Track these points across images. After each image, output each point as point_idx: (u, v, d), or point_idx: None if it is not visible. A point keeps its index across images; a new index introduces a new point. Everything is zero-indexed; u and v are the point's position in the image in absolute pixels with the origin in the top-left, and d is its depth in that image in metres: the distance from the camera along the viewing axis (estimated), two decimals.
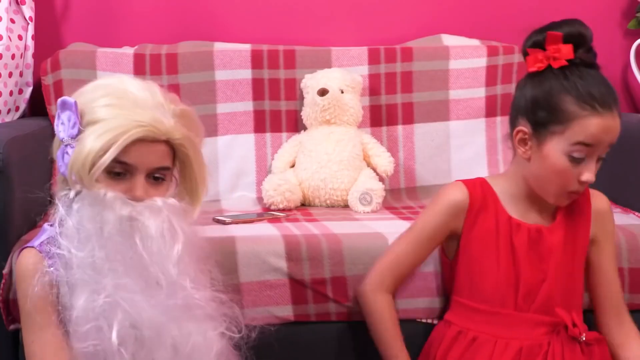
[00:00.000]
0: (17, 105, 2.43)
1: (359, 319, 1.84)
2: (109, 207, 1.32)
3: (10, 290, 1.76)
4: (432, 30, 2.63)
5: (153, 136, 1.36)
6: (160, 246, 1.34)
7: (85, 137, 1.33)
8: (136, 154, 1.35)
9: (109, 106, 1.35)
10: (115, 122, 1.33)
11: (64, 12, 2.60)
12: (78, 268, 1.31)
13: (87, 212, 1.32)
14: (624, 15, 2.73)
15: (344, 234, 1.88)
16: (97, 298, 1.30)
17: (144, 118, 1.35)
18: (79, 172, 1.33)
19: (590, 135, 1.54)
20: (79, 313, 1.31)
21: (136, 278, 1.33)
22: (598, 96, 1.54)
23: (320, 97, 2.34)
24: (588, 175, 1.55)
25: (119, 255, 1.32)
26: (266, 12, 2.64)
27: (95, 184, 1.33)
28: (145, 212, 1.35)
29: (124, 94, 1.38)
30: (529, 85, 1.59)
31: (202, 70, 2.43)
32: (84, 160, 1.32)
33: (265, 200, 2.25)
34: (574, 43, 1.60)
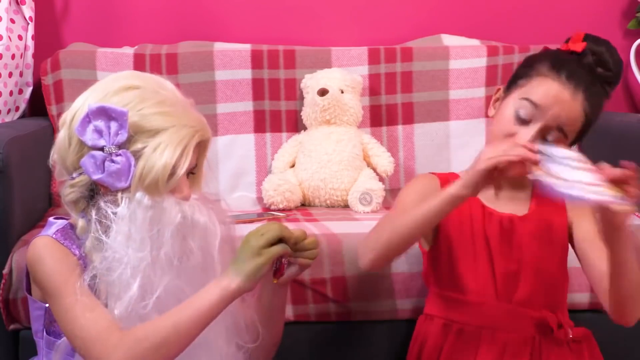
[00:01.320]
0: (17, 105, 2.43)
1: (359, 318, 1.84)
2: (167, 211, 1.34)
3: (10, 290, 1.77)
4: (432, 30, 2.63)
5: (205, 139, 1.40)
6: (206, 241, 1.38)
7: (152, 149, 1.33)
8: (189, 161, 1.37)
9: (164, 114, 1.35)
10: (180, 132, 1.34)
11: (64, 12, 2.61)
12: (131, 268, 1.31)
13: (142, 216, 1.33)
14: (624, 15, 2.73)
15: (344, 234, 1.88)
16: (149, 297, 1.32)
17: (195, 122, 1.37)
18: (156, 183, 1.33)
19: (541, 95, 1.50)
20: (122, 310, 1.31)
21: (189, 277, 1.35)
22: (570, 70, 1.52)
23: (320, 97, 2.34)
24: (520, 137, 1.48)
25: (175, 255, 1.34)
26: (266, 12, 2.64)
27: (167, 192, 1.35)
28: (195, 211, 1.37)
29: (166, 97, 1.38)
30: None
31: (202, 70, 2.43)
32: (162, 174, 1.32)
33: (265, 200, 2.26)
34: (592, 52, 1.58)
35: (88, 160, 1.34)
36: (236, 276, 1.31)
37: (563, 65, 1.53)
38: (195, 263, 1.36)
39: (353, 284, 1.81)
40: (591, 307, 1.85)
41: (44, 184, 2.19)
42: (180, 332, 1.30)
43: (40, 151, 1.44)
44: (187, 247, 1.36)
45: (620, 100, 2.77)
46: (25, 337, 1.80)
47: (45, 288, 1.35)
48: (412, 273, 1.82)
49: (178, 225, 1.34)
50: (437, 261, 1.64)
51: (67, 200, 1.39)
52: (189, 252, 1.36)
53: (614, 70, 1.57)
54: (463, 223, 1.61)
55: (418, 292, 1.81)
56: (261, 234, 1.34)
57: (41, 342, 1.44)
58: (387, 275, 1.82)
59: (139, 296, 1.32)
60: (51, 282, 1.34)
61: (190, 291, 1.34)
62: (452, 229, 1.62)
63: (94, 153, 1.34)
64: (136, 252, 1.32)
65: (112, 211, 1.33)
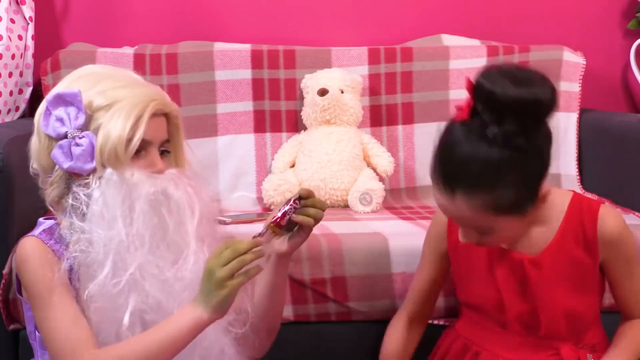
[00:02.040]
0: (17, 105, 2.43)
1: (359, 318, 1.84)
2: (138, 186, 1.35)
3: (10, 290, 1.77)
4: (432, 30, 2.63)
5: (162, 109, 1.40)
6: (181, 215, 1.38)
7: (107, 121, 1.34)
8: (150, 129, 1.37)
9: (117, 88, 1.37)
10: (133, 100, 1.36)
11: (64, 12, 2.60)
12: (103, 247, 1.32)
13: (112, 194, 1.33)
14: (624, 15, 2.73)
15: (344, 234, 1.88)
16: (122, 274, 1.32)
17: (152, 93, 1.39)
18: (113, 156, 1.34)
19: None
20: (95, 289, 1.32)
21: (163, 253, 1.36)
22: (441, 173, 1.39)
23: (320, 97, 2.34)
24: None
25: (148, 231, 1.34)
26: (266, 12, 2.64)
27: (128, 164, 1.35)
28: (170, 184, 1.38)
29: (123, 76, 1.42)
30: None
31: (202, 70, 2.43)
32: (118, 142, 1.34)
33: (265, 200, 2.26)
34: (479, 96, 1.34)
35: (57, 152, 1.36)
36: (205, 309, 1.31)
37: (435, 171, 1.40)
38: (171, 238, 1.36)
39: (353, 284, 1.81)
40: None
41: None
42: (150, 357, 1.30)
43: None
44: (163, 222, 1.36)
45: (620, 100, 2.77)
46: (25, 337, 1.79)
47: (29, 292, 1.37)
48: (412, 273, 1.81)
49: (150, 199, 1.35)
50: (456, 287, 1.66)
51: (50, 199, 1.40)
52: (165, 227, 1.36)
53: (525, 100, 1.30)
54: (471, 259, 1.58)
55: None
56: (222, 266, 1.30)
57: (35, 344, 1.44)
58: (387, 275, 1.82)
59: (112, 274, 1.32)
60: (34, 287, 1.35)
61: (165, 267, 1.35)
62: (460, 262, 1.61)
63: (60, 143, 1.36)
64: (107, 230, 1.32)
65: (84, 193, 1.34)
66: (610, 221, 1.51)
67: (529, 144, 1.32)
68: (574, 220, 1.52)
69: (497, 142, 1.32)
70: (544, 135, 1.36)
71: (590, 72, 2.59)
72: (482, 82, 1.32)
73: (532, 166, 1.36)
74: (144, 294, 1.33)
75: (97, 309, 1.32)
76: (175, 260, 1.36)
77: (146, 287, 1.33)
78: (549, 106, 1.33)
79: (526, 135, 1.32)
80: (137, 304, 1.33)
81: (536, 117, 1.33)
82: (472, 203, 1.36)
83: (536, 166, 1.37)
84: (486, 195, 1.35)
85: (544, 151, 1.37)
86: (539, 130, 1.35)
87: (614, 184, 2.33)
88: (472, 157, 1.34)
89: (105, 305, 1.32)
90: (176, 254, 1.36)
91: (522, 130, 1.31)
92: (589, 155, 2.49)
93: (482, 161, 1.33)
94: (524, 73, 1.33)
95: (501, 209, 1.37)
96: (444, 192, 1.39)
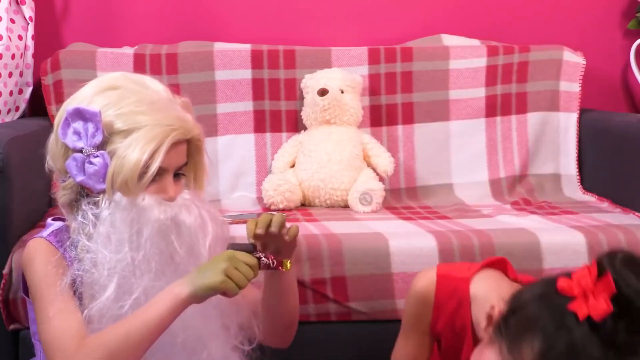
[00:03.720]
0: (17, 105, 2.43)
1: (359, 318, 1.84)
2: (147, 211, 1.33)
3: (10, 290, 1.77)
4: (432, 30, 2.63)
5: (183, 138, 1.38)
6: (193, 241, 1.36)
7: (124, 149, 1.32)
8: (168, 156, 1.35)
9: (138, 113, 1.34)
10: (152, 130, 1.33)
11: (64, 12, 2.60)
12: (108, 269, 1.31)
13: (121, 217, 1.32)
14: (624, 15, 2.73)
15: (344, 234, 1.88)
16: (126, 298, 1.31)
17: (173, 121, 1.35)
18: (126, 182, 1.32)
19: None
20: (95, 310, 1.31)
21: (169, 279, 1.34)
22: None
23: (320, 97, 2.33)
24: None
25: (155, 256, 1.33)
26: (266, 12, 2.64)
27: (141, 192, 1.34)
28: (182, 210, 1.36)
29: (147, 94, 1.38)
30: None
31: (202, 70, 2.43)
32: (132, 171, 1.32)
33: (265, 200, 2.26)
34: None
35: (71, 163, 1.35)
36: (188, 285, 1.29)
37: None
38: (180, 264, 1.35)
39: (353, 284, 1.81)
40: None
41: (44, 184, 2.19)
42: (131, 340, 1.28)
43: (40, 151, 1.44)
44: (171, 248, 1.34)
45: (620, 100, 2.77)
46: (25, 337, 1.80)
47: (31, 290, 1.37)
48: (412, 273, 1.81)
49: (158, 225, 1.33)
50: None
51: (61, 202, 1.40)
52: (173, 252, 1.35)
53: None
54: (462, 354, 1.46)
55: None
56: (237, 267, 1.29)
57: (38, 345, 1.44)
58: (387, 275, 1.82)
59: (115, 297, 1.31)
60: (36, 284, 1.35)
61: None
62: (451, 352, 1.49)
63: (75, 155, 1.35)
64: (114, 253, 1.31)
65: (92, 213, 1.34)
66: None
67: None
68: None
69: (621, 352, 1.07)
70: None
71: (590, 72, 2.59)
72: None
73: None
74: None
75: (94, 330, 1.31)
76: None
77: None
78: None
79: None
80: None
81: None
82: None
83: None
84: None
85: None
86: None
87: (614, 184, 2.33)
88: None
89: (104, 328, 1.31)
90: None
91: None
92: (589, 155, 2.49)
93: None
94: None
95: None
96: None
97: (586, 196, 2.42)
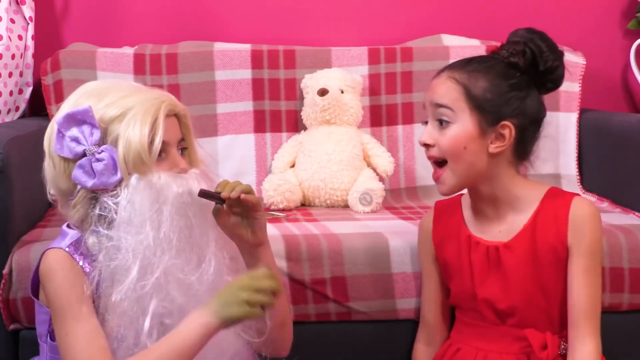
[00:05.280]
0: (17, 105, 2.43)
1: (359, 319, 1.84)
2: (165, 189, 1.35)
3: (10, 290, 1.76)
4: (432, 30, 2.63)
5: (173, 109, 1.41)
6: (206, 214, 1.40)
7: (125, 130, 1.35)
8: (166, 130, 1.38)
9: (124, 97, 1.37)
10: (144, 105, 1.36)
11: (64, 12, 2.60)
12: (132, 252, 1.33)
13: (140, 200, 1.34)
14: (624, 15, 2.73)
15: (344, 234, 1.88)
16: (148, 278, 1.33)
17: (159, 95, 1.40)
18: (139, 161, 1.34)
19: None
20: (121, 294, 1.32)
21: (188, 255, 1.37)
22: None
23: (320, 97, 2.33)
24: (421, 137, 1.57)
25: (175, 234, 1.35)
26: (266, 12, 2.64)
27: (153, 167, 1.36)
28: (194, 184, 1.39)
29: (124, 85, 1.42)
30: None
31: (202, 70, 2.43)
32: (142, 143, 1.34)
33: (265, 200, 2.25)
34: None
35: (77, 172, 1.35)
36: (217, 318, 1.31)
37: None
38: (194, 240, 1.38)
39: (353, 284, 1.81)
40: None
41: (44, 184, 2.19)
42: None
43: (40, 151, 1.44)
44: (189, 224, 1.37)
45: (620, 100, 2.77)
46: (25, 337, 1.80)
47: (51, 305, 1.37)
48: (412, 273, 1.81)
49: (178, 199, 1.36)
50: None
51: (75, 220, 1.40)
52: (191, 228, 1.37)
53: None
54: (452, 257, 1.65)
55: (418, 292, 1.81)
56: (256, 290, 1.32)
57: (45, 346, 1.44)
58: (387, 275, 1.82)
59: (137, 278, 1.33)
60: (57, 300, 1.35)
61: (189, 270, 1.36)
62: (446, 262, 1.67)
63: (79, 162, 1.36)
64: (136, 235, 1.33)
65: (113, 202, 1.35)
66: (584, 206, 1.56)
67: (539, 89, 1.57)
68: (548, 208, 1.57)
69: (518, 68, 1.56)
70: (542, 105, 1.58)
71: (590, 72, 2.59)
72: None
73: (526, 106, 1.54)
74: (168, 298, 1.34)
75: (120, 313, 1.33)
76: (199, 262, 1.37)
77: (170, 291, 1.34)
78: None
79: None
80: (157, 308, 1.34)
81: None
82: (454, 75, 1.55)
83: (530, 111, 1.54)
84: (467, 75, 1.54)
85: (540, 115, 1.57)
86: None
87: (614, 184, 2.33)
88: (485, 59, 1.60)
89: (128, 311, 1.32)
90: (199, 256, 1.38)
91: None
92: (589, 155, 2.49)
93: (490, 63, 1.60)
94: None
95: (472, 98, 1.52)
96: (437, 73, 1.59)
97: (586, 196, 2.42)
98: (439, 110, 1.53)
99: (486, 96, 1.52)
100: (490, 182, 1.57)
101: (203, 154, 1.50)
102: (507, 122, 1.53)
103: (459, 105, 1.52)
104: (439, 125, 1.54)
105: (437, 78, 1.58)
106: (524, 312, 1.57)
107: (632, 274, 1.84)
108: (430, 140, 1.54)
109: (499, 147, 1.54)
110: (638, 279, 1.84)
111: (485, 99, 1.52)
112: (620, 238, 1.85)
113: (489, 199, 1.60)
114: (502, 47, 1.58)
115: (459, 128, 1.52)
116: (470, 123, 1.52)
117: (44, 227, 1.99)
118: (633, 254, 1.84)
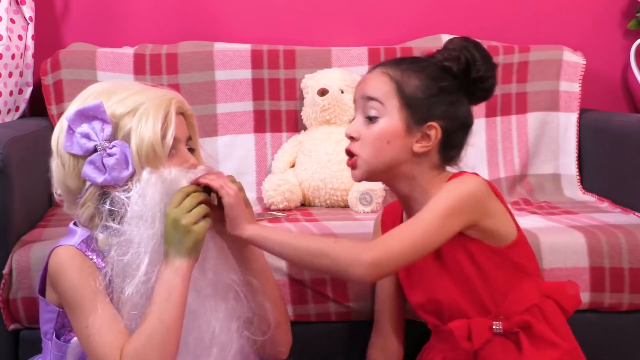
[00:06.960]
0: (17, 105, 2.43)
1: (359, 318, 1.84)
2: (175, 183, 1.37)
3: (10, 290, 1.77)
4: (432, 30, 2.63)
5: (181, 107, 1.43)
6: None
7: (137, 124, 1.36)
8: (176, 126, 1.40)
9: (134, 94, 1.39)
10: (154, 102, 1.38)
11: (64, 12, 2.61)
12: (144, 246, 1.34)
13: (152, 193, 1.35)
14: (624, 15, 2.73)
15: (344, 234, 1.88)
16: (154, 270, 1.34)
17: (168, 93, 1.42)
18: (152, 155, 1.36)
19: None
20: (133, 287, 1.33)
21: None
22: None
23: (320, 97, 2.34)
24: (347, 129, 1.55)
25: None
26: (266, 12, 2.64)
27: (165, 161, 1.37)
28: (207, 177, 1.40)
29: (131, 84, 1.44)
30: None
31: (202, 70, 2.43)
32: (155, 135, 1.36)
33: (265, 200, 2.26)
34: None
35: (88, 169, 1.36)
36: (181, 258, 1.33)
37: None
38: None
39: (353, 284, 1.81)
40: (591, 307, 1.86)
41: (44, 184, 2.19)
42: (165, 323, 1.32)
43: (40, 151, 1.44)
44: None
45: (620, 100, 2.77)
46: (25, 337, 1.80)
47: (67, 300, 1.37)
48: None
49: None
50: None
51: (83, 219, 1.41)
52: None
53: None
54: None
55: None
56: (187, 211, 1.34)
57: (49, 344, 1.44)
58: None
59: (146, 272, 1.34)
60: (73, 295, 1.35)
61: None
62: None
63: (90, 158, 1.36)
64: (147, 229, 1.34)
65: (125, 196, 1.35)
66: (469, 180, 1.57)
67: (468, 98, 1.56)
68: None
69: (451, 73, 1.53)
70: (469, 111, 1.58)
71: (590, 72, 2.59)
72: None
73: (455, 110, 1.54)
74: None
75: (132, 307, 1.34)
76: (204, 257, 1.38)
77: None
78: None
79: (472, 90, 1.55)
80: None
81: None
82: (387, 71, 1.52)
83: (458, 115, 1.55)
84: (400, 72, 1.52)
85: (468, 121, 1.58)
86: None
87: (614, 184, 2.33)
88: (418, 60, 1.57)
89: (139, 304, 1.34)
90: (204, 250, 1.39)
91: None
92: (589, 155, 2.49)
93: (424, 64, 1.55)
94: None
95: (403, 95, 1.50)
96: (370, 69, 1.57)
97: (586, 196, 2.42)
98: (369, 103, 1.53)
99: (417, 94, 1.52)
100: (409, 181, 1.55)
101: (203, 154, 1.51)
102: (434, 123, 1.52)
103: (389, 100, 1.52)
104: (367, 121, 1.53)
105: (370, 73, 1.57)
106: (451, 306, 1.54)
107: (632, 274, 1.84)
108: (355, 134, 1.53)
109: (424, 147, 1.53)
110: (638, 279, 1.85)
111: (415, 97, 1.52)
112: (620, 238, 1.85)
113: (404, 198, 1.58)
114: (437, 52, 1.57)
115: (386, 123, 1.51)
116: (398, 119, 1.51)
117: (44, 227, 1.99)
118: (633, 254, 1.84)
